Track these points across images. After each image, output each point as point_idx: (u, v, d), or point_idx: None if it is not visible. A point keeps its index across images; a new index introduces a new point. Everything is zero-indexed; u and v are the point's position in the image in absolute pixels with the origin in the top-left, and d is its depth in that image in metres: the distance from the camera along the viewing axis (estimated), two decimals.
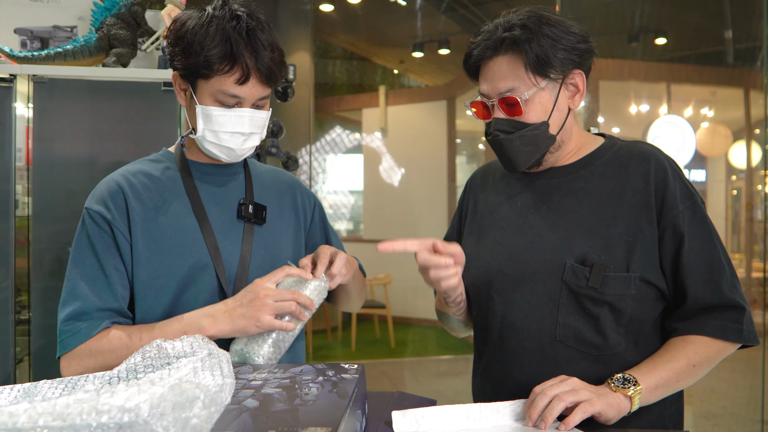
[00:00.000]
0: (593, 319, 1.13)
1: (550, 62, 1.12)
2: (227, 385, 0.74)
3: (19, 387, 0.88)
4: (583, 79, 1.18)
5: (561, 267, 1.14)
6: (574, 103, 1.19)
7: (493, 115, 1.18)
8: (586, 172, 1.20)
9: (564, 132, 1.20)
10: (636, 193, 1.15)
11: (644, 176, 1.15)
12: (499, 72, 1.15)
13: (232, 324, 1.08)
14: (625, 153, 1.20)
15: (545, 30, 1.12)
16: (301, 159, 5.86)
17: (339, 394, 0.83)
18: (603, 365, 1.13)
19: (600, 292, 1.11)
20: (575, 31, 1.15)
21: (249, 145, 1.21)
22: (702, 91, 7.03)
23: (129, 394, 0.57)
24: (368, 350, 6.04)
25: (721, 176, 7.72)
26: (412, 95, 7.89)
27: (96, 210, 1.18)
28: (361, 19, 6.82)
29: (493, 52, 1.16)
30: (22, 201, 1.88)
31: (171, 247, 1.18)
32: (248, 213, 1.23)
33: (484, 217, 1.30)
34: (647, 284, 1.13)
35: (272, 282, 1.10)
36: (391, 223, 7.16)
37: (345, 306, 1.40)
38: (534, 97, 1.14)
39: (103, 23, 1.92)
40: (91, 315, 1.12)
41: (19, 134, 1.86)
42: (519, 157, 1.18)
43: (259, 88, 1.17)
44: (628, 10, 5.91)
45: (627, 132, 7.20)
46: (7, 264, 1.81)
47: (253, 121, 1.19)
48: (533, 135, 1.16)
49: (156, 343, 0.90)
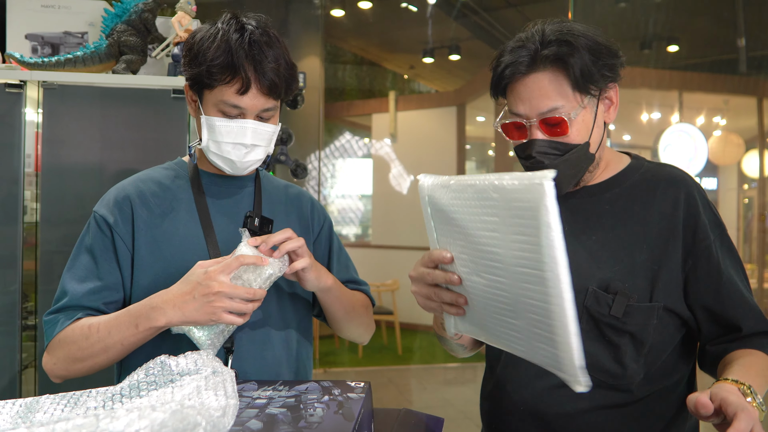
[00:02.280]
0: (613, 348, 1.08)
1: (593, 78, 1.06)
2: (230, 407, 0.72)
3: (21, 402, 0.87)
4: (617, 91, 1.14)
5: (582, 292, 1.07)
6: (609, 117, 1.14)
7: (531, 136, 1.09)
8: (612, 195, 1.15)
9: (601, 149, 1.14)
10: (663, 219, 1.10)
11: (673, 202, 1.10)
12: (540, 90, 1.07)
13: (183, 317, 1.05)
14: (652, 176, 1.15)
15: (589, 45, 1.06)
16: (310, 165, 5.86)
17: (345, 416, 0.82)
18: (618, 393, 1.08)
19: (622, 321, 1.06)
20: (612, 47, 1.10)
21: (252, 158, 1.20)
22: (714, 99, 6.98)
23: (129, 420, 0.55)
24: (375, 357, 6.01)
25: (733, 185, 7.66)
26: (422, 101, 7.88)
27: (101, 214, 1.20)
28: (372, 24, 6.83)
29: (530, 69, 1.07)
30: (31, 206, 1.88)
31: (173, 255, 1.18)
32: (254, 226, 1.21)
33: None
34: (669, 313, 1.09)
35: (226, 275, 1.05)
36: (399, 229, 7.14)
37: (342, 331, 1.36)
38: (578, 116, 1.07)
39: (114, 30, 1.92)
40: (72, 309, 1.15)
41: (29, 140, 1.86)
42: (562, 182, 1.10)
43: (261, 99, 1.16)
44: (641, 17, 5.88)
45: (638, 140, 7.15)
46: (14, 269, 1.81)
47: (256, 133, 1.18)
48: (576, 157, 1.09)
49: (160, 359, 0.88)
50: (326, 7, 5.97)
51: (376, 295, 6.67)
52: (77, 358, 1.12)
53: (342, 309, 1.29)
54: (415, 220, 7.27)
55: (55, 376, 1.16)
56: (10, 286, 1.81)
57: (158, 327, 1.07)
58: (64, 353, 1.13)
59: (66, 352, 1.12)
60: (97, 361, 1.12)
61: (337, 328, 1.35)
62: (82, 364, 1.13)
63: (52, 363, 1.15)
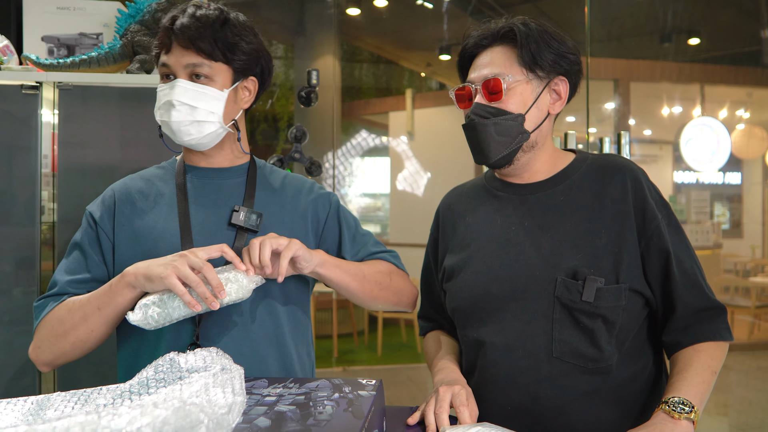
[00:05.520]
0: (588, 333, 1.12)
1: (540, 59, 1.17)
2: (237, 404, 0.72)
3: (33, 399, 0.87)
4: (566, 87, 1.22)
5: (551, 282, 1.13)
6: (554, 108, 1.22)
7: (475, 101, 1.20)
8: (564, 187, 1.21)
9: (539, 134, 1.21)
10: (615, 204, 1.16)
11: (621, 188, 1.17)
12: (491, 60, 1.20)
13: (146, 270, 1.04)
14: (598, 166, 1.22)
15: (542, 32, 1.19)
16: (327, 163, 5.86)
17: (354, 414, 0.80)
18: (598, 377, 1.12)
19: (594, 305, 1.11)
20: (568, 42, 1.21)
21: (182, 119, 1.18)
22: (737, 92, 6.85)
23: (131, 417, 0.55)
24: (394, 355, 6.00)
25: (757, 179, 7.50)
26: (438, 98, 7.84)
27: (90, 211, 1.26)
28: (388, 22, 6.81)
29: (490, 43, 1.22)
30: (48, 207, 1.90)
31: (150, 249, 1.19)
32: (239, 220, 1.20)
33: (464, 239, 1.28)
34: (635, 293, 1.14)
35: (205, 253, 1.06)
36: (416, 227, 7.11)
37: (371, 305, 1.31)
38: (516, 86, 1.17)
39: (127, 30, 1.93)
40: (59, 296, 1.18)
41: (45, 141, 1.87)
42: (491, 145, 1.18)
43: (185, 55, 1.18)
44: (660, 10, 5.78)
45: (659, 134, 7.04)
46: (32, 269, 1.83)
47: (186, 91, 1.17)
48: (508, 125, 1.17)
49: (169, 356, 0.88)
50: (342, 5, 5.97)
51: None
52: (59, 333, 1.13)
53: (351, 281, 1.22)
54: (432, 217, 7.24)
55: (42, 363, 1.17)
56: (28, 286, 1.83)
57: (126, 282, 1.07)
58: (48, 332, 1.14)
59: (49, 331, 1.14)
60: (78, 335, 1.12)
61: (362, 304, 1.29)
62: (65, 340, 1.13)
63: (37, 347, 1.16)
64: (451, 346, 1.34)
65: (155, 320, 1.04)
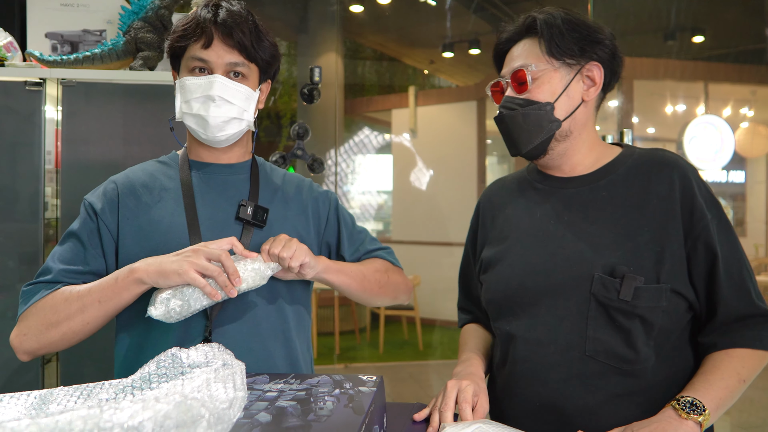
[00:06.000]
0: (624, 333, 1.08)
1: (564, 47, 1.15)
2: (238, 399, 0.72)
3: (36, 393, 0.88)
4: (600, 73, 1.18)
5: (588, 279, 1.09)
6: (589, 95, 1.18)
7: (506, 94, 1.19)
8: (607, 182, 1.17)
9: (573, 122, 1.18)
10: (660, 201, 1.11)
11: (668, 184, 1.12)
12: (519, 53, 1.19)
13: (159, 267, 1.05)
14: (645, 161, 1.17)
15: (566, 18, 1.17)
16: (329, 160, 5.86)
17: (354, 410, 0.81)
18: (632, 379, 1.08)
19: (632, 305, 1.06)
20: (599, 27, 1.18)
21: (222, 114, 1.20)
22: (741, 90, 6.83)
23: (133, 411, 0.55)
24: (396, 352, 6.01)
25: (761, 178, 7.48)
26: (441, 96, 7.84)
27: (90, 201, 1.24)
28: (391, 19, 6.80)
29: (518, 37, 1.21)
30: (51, 203, 1.91)
31: (156, 245, 1.18)
32: (246, 215, 1.21)
33: (502, 231, 1.26)
34: (677, 295, 1.09)
35: (216, 246, 1.07)
36: (419, 225, 7.12)
37: (370, 303, 1.35)
38: (542, 75, 1.16)
39: (131, 27, 1.93)
40: (51, 283, 1.16)
41: (49, 137, 1.88)
42: (521, 136, 1.18)
43: (227, 53, 1.19)
44: (664, 7, 5.76)
45: (663, 132, 7.03)
46: (36, 265, 1.84)
47: (225, 87, 1.19)
48: (536, 114, 1.15)
49: (171, 352, 0.89)
50: (345, 2, 5.96)
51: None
52: (51, 322, 1.10)
53: (352, 283, 1.26)
54: (436, 214, 7.25)
55: (24, 351, 1.14)
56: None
57: (136, 278, 1.06)
58: (38, 320, 1.11)
59: (40, 318, 1.11)
60: (72, 326, 1.10)
61: (363, 303, 1.34)
62: (56, 330, 1.10)
63: (22, 334, 1.12)
64: (484, 339, 1.34)
65: (177, 313, 1.05)
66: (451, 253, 6.82)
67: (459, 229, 6.86)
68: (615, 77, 1.21)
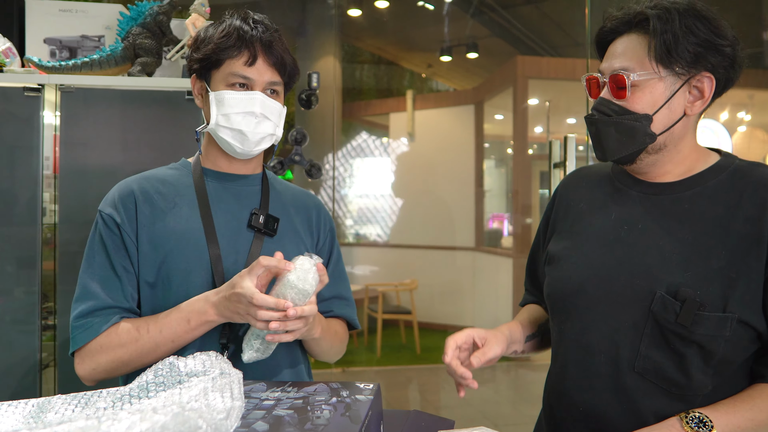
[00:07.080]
0: (678, 357, 1.02)
1: (677, 53, 1.01)
2: (235, 408, 0.72)
3: (33, 402, 0.88)
4: (712, 86, 1.05)
5: (650, 295, 1.02)
6: (692, 110, 1.07)
7: (601, 95, 1.09)
8: (693, 194, 1.07)
9: (670, 137, 1.07)
10: (747, 223, 1.01)
11: (760, 205, 1.01)
12: (623, 50, 1.06)
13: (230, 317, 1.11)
14: (741, 176, 1.06)
15: (687, 19, 1.01)
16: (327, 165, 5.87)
17: (351, 419, 0.81)
18: (680, 404, 1.02)
19: (689, 330, 0.99)
20: (723, 32, 1.03)
21: (262, 130, 1.22)
22: (738, 94, 6.85)
23: (131, 422, 0.55)
24: (394, 356, 6.01)
25: None
26: (439, 99, 7.85)
27: (107, 213, 1.22)
28: (389, 23, 6.82)
29: (626, 29, 1.07)
30: (50, 208, 1.91)
31: (173, 251, 1.19)
32: (258, 223, 1.23)
33: (573, 225, 1.20)
34: (744, 326, 1.00)
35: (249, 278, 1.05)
36: (417, 228, 7.13)
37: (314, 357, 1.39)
38: (645, 83, 1.04)
39: (129, 33, 1.93)
40: (103, 312, 1.16)
41: (47, 142, 1.88)
42: (609, 144, 1.08)
43: (269, 72, 1.21)
44: None
45: None
46: (34, 270, 1.84)
47: (265, 105, 1.21)
48: (631, 126, 1.05)
49: (168, 360, 0.89)
50: (343, 6, 5.98)
51: (393, 295, 6.67)
52: (125, 361, 1.14)
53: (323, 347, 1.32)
54: (434, 218, 7.26)
55: (92, 380, 1.18)
56: (30, 286, 1.84)
57: (209, 320, 1.11)
58: (109, 358, 1.14)
59: (112, 357, 1.14)
60: (145, 362, 1.14)
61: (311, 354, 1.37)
62: (127, 367, 1.15)
63: (91, 368, 1.15)
64: (535, 312, 1.33)
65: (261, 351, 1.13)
66: (449, 256, 6.82)
67: (456, 232, 6.87)
68: (729, 85, 1.09)
